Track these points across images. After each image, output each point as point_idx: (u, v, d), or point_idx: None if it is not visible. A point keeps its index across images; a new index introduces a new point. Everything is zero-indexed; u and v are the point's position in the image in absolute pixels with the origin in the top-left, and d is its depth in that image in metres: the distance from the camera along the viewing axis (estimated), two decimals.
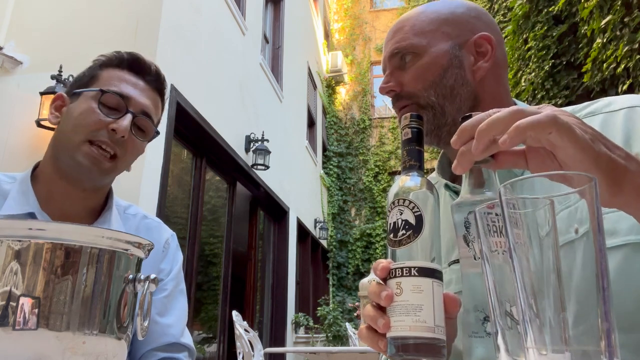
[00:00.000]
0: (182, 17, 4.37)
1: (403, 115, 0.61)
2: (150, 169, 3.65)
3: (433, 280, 0.54)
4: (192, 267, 4.68)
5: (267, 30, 8.01)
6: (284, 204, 7.70)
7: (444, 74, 0.83)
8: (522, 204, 0.42)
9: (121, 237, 0.52)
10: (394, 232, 0.56)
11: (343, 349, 3.34)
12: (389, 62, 0.87)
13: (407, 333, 0.52)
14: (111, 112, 0.96)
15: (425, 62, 0.83)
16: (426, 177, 0.59)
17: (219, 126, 5.05)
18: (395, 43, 0.86)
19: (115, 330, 0.51)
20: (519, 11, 4.43)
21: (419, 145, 0.61)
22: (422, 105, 0.83)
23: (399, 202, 0.57)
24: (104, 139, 0.93)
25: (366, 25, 13.75)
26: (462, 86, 0.83)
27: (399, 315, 0.53)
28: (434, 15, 0.86)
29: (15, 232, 0.47)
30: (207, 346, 5.37)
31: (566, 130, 0.46)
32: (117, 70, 1.01)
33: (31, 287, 0.47)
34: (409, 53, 0.84)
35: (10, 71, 3.86)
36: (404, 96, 0.85)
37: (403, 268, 0.54)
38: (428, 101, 0.83)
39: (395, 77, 0.86)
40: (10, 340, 0.45)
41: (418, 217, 0.55)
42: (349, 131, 12.74)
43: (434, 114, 0.83)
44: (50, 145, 0.99)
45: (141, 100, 0.99)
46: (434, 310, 0.52)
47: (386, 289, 0.54)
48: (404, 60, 0.85)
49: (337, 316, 7.81)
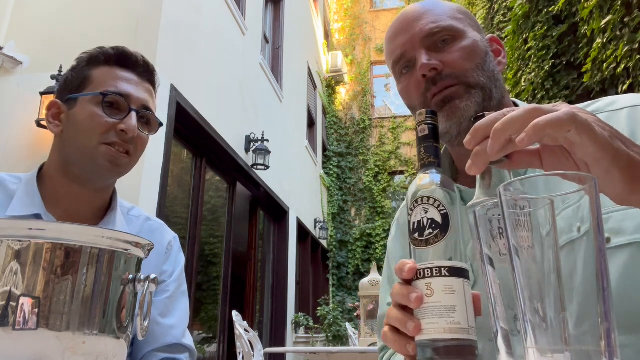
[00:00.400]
0: (182, 17, 4.37)
1: (417, 112, 0.59)
2: (150, 169, 3.65)
3: (464, 280, 0.53)
4: (192, 267, 4.68)
5: (267, 30, 8.01)
6: (284, 204, 7.70)
7: (485, 59, 0.81)
8: (523, 204, 0.42)
9: (121, 237, 0.52)
10: (420, 231, 0.55)
11: (343, 349, 3.34)
12: (421, 41, 0.81)
13: (442, 335, 0.51)
14: (115, 112, 0.96)
15: (468, 44, 0.80)
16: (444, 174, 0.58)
17: (219, 126, 5.05)
18: (433, 22, 0.81)
19: (115, 330, 0.51)
20: (519, 11, 4.43)
21: (435, 141, 0.59)
22: (472, 85, 0.79)
23: (422, 200, 0.55)
24: (115, 140, 0.95)
25: (366, 25, 13.75)
26: (496, 75, 0.82)
27: (431, 318, 0.51)
28: (458, 7, 0.85)
29: (15, 232, 0.47)
30: (207, 346, 5.37)
31: (585, 128, 0.45)
32: (107, 67, 1.00)
33: (31, 287, 0.47)
34: (450, 34, 0.80)
35: (10, 71, 3.86)
36: (448, 76, 0.79)
37: (433, 268, 0.52)
38: (478, 81, 0.79)
39: (435, 55, 0.80)
40: (10, 340, 0.45)
41: (444, 215, 0.54)
42: (349, 131, 12.74)
43: (484, 96, 0.79)
44: (57, 151, 0.99)
45: (140, 96, 1.00)
46: (466, 310, 0.51)
47: (415, 290, 0.52)
48: (442, 40, 0.80)
49: (337, 316, 7.81)
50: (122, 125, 0.95)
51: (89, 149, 0.94)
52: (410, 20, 0.83)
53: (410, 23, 0.83)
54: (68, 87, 1.00)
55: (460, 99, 0.78)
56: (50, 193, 0.97)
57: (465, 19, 0.84)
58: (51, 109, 1.00)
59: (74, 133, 0.96)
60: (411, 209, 0.56)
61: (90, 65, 1.00)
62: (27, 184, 0.96)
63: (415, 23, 0.82)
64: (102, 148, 0.94)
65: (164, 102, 3.86)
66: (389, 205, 11.87)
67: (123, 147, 0.96)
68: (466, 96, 0.78)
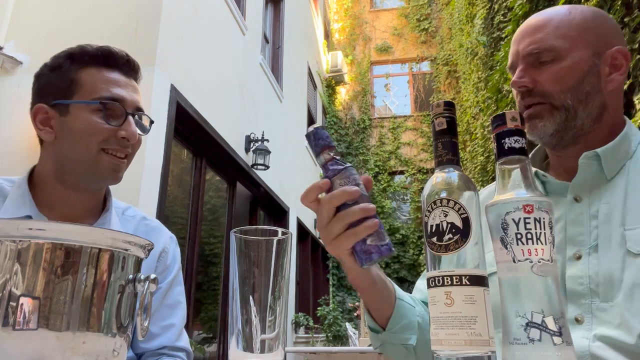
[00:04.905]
0: (182, 17, 4.37)
1: (435, 103, 0.58)
2: (150, 169, 3.65)
3: (484, 288, 0.50)
4: (192, 267, 4.68)
5: (267, 30, 8.01)
6: (284, 204, 7.70)
7: (582, 80, 0.84)
8: None
9: (121, 237, 0.52)
10: (438, 236, 0.52)
11: (343, 349, 3.34)
12: (523, 58, 0.88)
13: (463, 349, 0.49)
14: (112, 118, 0.95)
15: (566, 65, 0.84)
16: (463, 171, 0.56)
17: (219, 126, 5.05)
18: (536, 43, 0.86)
19: (116, 330, 0.51)
20: (519, 11, 4.42)
21: (453, 136, 0.56)
22: (556, 107, 0.85)
23: (441, 202, 0.53)
24: (115, 146, 0.95)
25: (366, 25, 13.75)
26: (596, 94, 0.85)
27: (451, 329, 0.49)
28: (579, 21, 0.87)
29: (15, 232, 0.47)
30: (207, 346, 5.37)
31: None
32: (94, 68, 0.97)
33: (31, 287, 0.47)
34: (550, 55, 0.85)
35: (10, 71, 3.86)
36: (537, 94, 0.86)
37: (453, 276, 0.50)
38: (563, 103, 0.84)
39: (530, 74, 0.87)
40: (10, 340, 0.45)
41: (465, 219, 0.52)
42: (349, 131, 12.74)
43: (567, 116, 0.84)
44: (50, 159, 0.96)
45: (133, 98, 0.99)
46: (487, 321, 0.49)
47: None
48: (542, 59, 0.85)
49: (337, 316, 7.82)
50: (123, 132, 0.94)
51: (90, 157, 0.93)
52: (525, 33, 0.89)
53: (523, 36, 0.89)
54: (53, 91, 0.96)
55: (541, 119, 0.86)
56: (44, 197, 0.96)
57: (581, 35, 0.85)
58: (38, 115, 0.96)
59: (70, 141, 0.94)
60: (428, 210, 0.54)
61: (75, 66, 0.97)
62: (19, 186, 0.95)
63: (526, 38, 0.88)
64: (102, 156, 0.94)
65: (164, 102, 3.86)
66: (389, 205, 11.87)
67: (123, 152, 0.96)
68: (547, 116, 0.85)
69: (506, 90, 4.57)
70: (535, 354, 0.46)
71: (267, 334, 0.56)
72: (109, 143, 0.94)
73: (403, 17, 13.54)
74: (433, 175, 0.57)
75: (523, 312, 0.47)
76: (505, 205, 0.50)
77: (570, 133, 0.86)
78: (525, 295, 0.48)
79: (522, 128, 0.52)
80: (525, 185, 0.51)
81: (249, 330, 0.56)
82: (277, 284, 0.57)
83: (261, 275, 0.57)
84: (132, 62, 1.02)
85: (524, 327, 0.47)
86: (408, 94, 13.30)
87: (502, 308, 0.50)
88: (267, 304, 0.57)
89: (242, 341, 0.56)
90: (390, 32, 13.51)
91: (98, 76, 0.96)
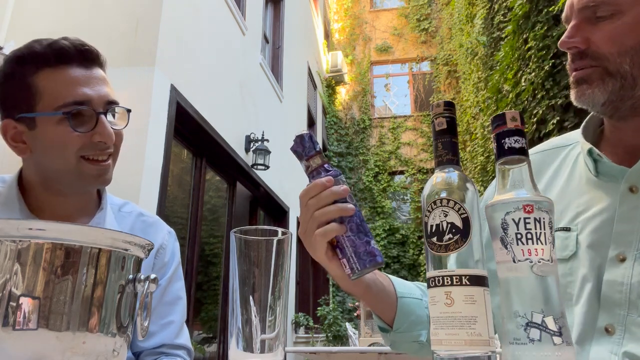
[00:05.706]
0: (182, 17, 4.37)
1: (435, 103, 0.57)
2: (150, 169, 3.65)
3: (484, 288, 0.51)
4: (192, 267, 4.68)
5: (267, 30, 8.01)
6: (284, 203, 7.70)
7: None
8: None
9: (121, 237, 0.52)
10: (438, 236, 0.52)
11: (343, 349, 3.34)
12: (578, 11, 0.75)
13: (463, 349, 0.49)
14: (82, 122, 0.88)
15: (626, 22, 0.71)
16: (463, 171, 0.56)
17: (219, 126, 5.05)
18: None
19: (116, 330, 0.51)
20: (519, 11, 4.42)
21: (453, 136, 0.56)
22: (610, 72, 0.72)
23: (441, 202, 0.53)
24: (94, 151, 0.90)
25: (366, 25, 13.75)
26: None
27: (451, 329, 0.49)
28: None
29: (15, 232, 0.47)
30: (207, 346, 5.37)
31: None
32: (49, 70, 0.88)
33: (31, 287, 0.47)
34: (610, 8, 0.72)
35: None
36: (589, 56, 0.73)
37: (453, 276, 0.50)
38: (619, 68, 0.71)
39: (583, 31, 0.73)
40: (10, 340, 0.45)
41: (465, 219, 0.52)
42: (349, 131, 12.74)
43: (622, 84, 0.71)
44: (33, 169, 0.93)
45: (99, 94, 0.90)
46: (487, 321, 0.49)
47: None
48: (599, 14, 0.72)
49: (337, 316, 7.82)
50: (97, 136, 0.88)
51: (70, 167, 0.89)
52: None
53: None
54: (15, 104, 0.89)
55: (590, 85, 0.73)
56: (35, 200, 0.94)
57: None
58: (8, 131, 0.90)
59: (46, 154, 0.89)
60: (428, 210, 0.54)
61: (27, 70, 0.88)
62: (10, 188, 0.93)
63: None
64: (84, 163, 0.89)
65: (163, 102, 3.86)
66: (389, 205, 11.86)
67: (104, 154, 0.91)
68: (597, 82, 0.73)
69: (506, 90, 4.57)
70: (535, 354, 0.46)
71: (267, 334, 0.56)
72: (86, 150, 0.89)
73: (403, 17, 13.54)
74: (433, 175, 0.57)
75: (523, 312, 0.47)
76: (505, 205, 0.50)
77: (628, 104, 0.72)
78: (526, 295, 0.48)
79: (522, 128, 0.52)
80: (525, 185, 0.51)
81: (249, 330, 0.56)
82: (277, 284, 0.57)
83: (261, 275, 0.57)
84: (87, 50, 0.91)
85: (524, 327, 0.47)
86: (408, 94, 13.30)
87: (502, 308, 0.50)
88: (267, 304, 0.57)
89: (242, 341, 0.56)
90: (390, 32, 13.51)
91: (56, 78, 0.87)
